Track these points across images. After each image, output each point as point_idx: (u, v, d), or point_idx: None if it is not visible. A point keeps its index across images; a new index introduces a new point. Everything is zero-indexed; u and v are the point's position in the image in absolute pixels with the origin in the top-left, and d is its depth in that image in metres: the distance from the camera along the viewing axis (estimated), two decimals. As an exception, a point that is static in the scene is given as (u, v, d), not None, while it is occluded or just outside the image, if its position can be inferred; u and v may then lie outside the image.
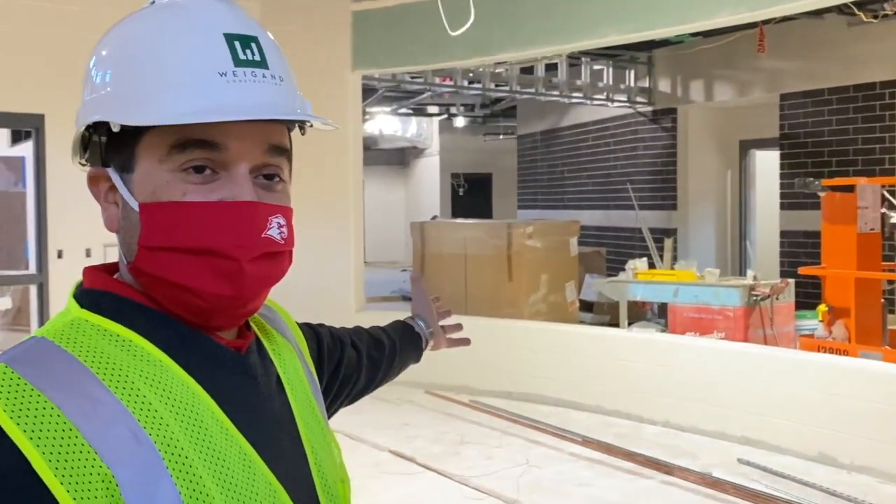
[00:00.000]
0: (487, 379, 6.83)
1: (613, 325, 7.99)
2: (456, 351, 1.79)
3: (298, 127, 0.99)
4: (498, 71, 9.93)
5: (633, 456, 5.23)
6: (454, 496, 4.79)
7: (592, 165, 12.58)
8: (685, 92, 10.70)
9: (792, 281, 6.93)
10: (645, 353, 6.22)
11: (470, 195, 19.20)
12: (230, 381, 0.93)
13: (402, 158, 21.54)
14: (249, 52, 0.91)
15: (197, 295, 0.89)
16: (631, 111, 11.48)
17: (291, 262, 0.97)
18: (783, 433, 5.38)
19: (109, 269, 0.97)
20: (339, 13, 7.32)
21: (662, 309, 7.86)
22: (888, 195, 6.22)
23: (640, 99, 11.16)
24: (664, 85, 10.97)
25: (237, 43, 0.90)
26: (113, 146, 0.92)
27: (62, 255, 6.30)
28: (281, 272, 0.95)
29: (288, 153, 0.96)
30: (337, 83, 7.37)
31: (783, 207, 9.31)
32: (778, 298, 6.61)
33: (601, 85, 10.94)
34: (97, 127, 0.93)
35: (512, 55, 7.61)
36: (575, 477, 5.07)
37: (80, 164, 0.98)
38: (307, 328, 1.29)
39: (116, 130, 0.89)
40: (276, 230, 0.91)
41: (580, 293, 8.91)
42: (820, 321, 6.23)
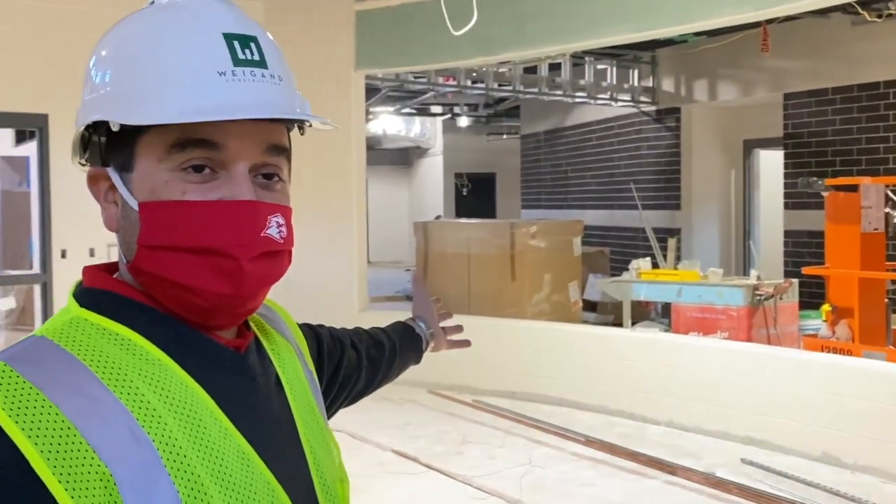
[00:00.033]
0: (490, 379, 6.83)
1: (617, 324, 7.98)
2: (459, 351, 1.78)
3: (298, 127, 0.99)
4: (501, 70, 9.92)
5: (636, 456, 5.23)
6: (457, 496, 4.79)
7: (596, 165, 12.57)
8: (689, 91, 10.69)
9: (795, 281, 6.92)
10: (648, 352, 6.22)
11: (473, 195, 19.18)
12: (229, 380, 0.93)
13: (405, 158, 21.55)
14: (249, 51, 0.91)
15: (196, 294, 0.89)
16: (635, 111, 11.46)
17: (291, 261, 0.97)
18: (787, 433, 5.38)
19: (109, 268, 0.98)
20: (342, 13, 7.32)
21: (666, 309, 7.86)
22: (892, 195, 6.20)
23: (643, 98, 11.14)
24: (668, 84, 10.95)
25: (236, 43, 0.90)
26: (112, 146, 0.93)
27: (66, 254, 6.32)
28: (280, 271, 0.95)
29: (287, 153, 0.96)
30: (340, 83, 7.38)
31: (787, 207, 9.30)
32: (781, 298, 6.60)
33: (605, 84, 10.93)
34: (97, 127, 0.93)
35: (515, 55, 7.61)
36: (578, 477, 5.07)
37: (79, 164, 0.99)
38: (307, 329, 1.29)
39: (116, 130, 0.89)
40: (275, 229, 0.91)
41: (584, 293, 8.90)
42: (823, 321, 6.23)
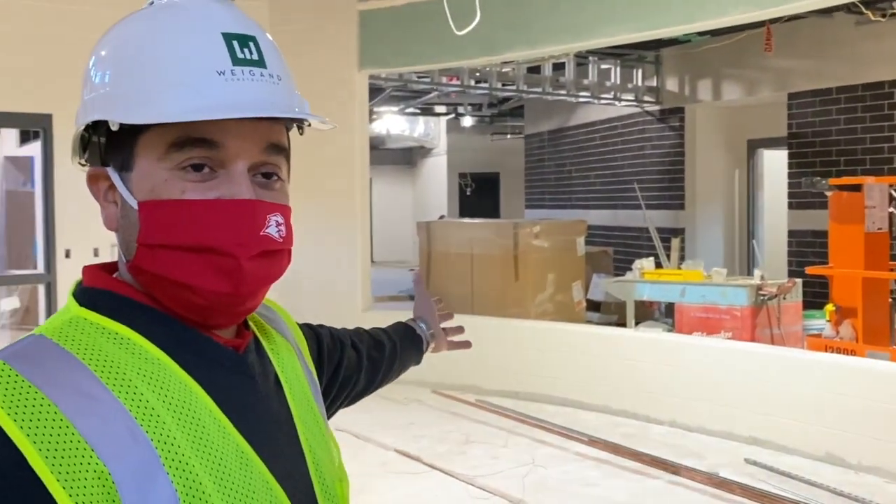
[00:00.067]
0: (494, 378, 6.83)
1: (621, 324, 7.97)
2: (463, 351, 1.78)
3: (297, 127, 0.99)
4: (505, 70, 9.91)
5: (639, 456, 5.22)
6: (460, 496, 4.79)
7: (600, 165, 12.56)
8: (693, 91, 10.67)
9: (799, 280, 6.90)
10: (652, 352, 6.21)
11: (477, 195, 19.17)
12: (228, 380, 0.93)
13: (409, 158, 21.56)
14: (247, 51, 0.91)
15: (196, 292, 0.89)
16: (638, 110, 11.45)
17: (290, 260, 0.97)
18: (790, 433, 5.37)
19: (109, 268, 0.98)
20: (345, 13, 7.32)
21: (669, 308, 7.85)
22: (896, 194, 6.20)
23: (647, 98, 11.12)
24: (672, 84, 10.94)
25: (235, 42, 0.91)
26: (112, 145, 0.93)
27: (70, 254, 6.33)
28: (279, 271, 0.95)
29: (286, 152, 0.97)
30: (344, 83, 7.38)
31: (791, 207, 9.28)
32: (785, 298, 6.59)
33: (609, 84, 10.92)
34: (96, 127, 0.93)
35: (519, 54, 7.61)
36: (581, 477, 5.07)
37: (79, 164, 0.99)
38: (307, 329, 1.29)
39: (115, 129, 0.89)
40: (274, 228, 0.91)
41: (587, 293, 8.89)
42: (827, 321, 6.22)
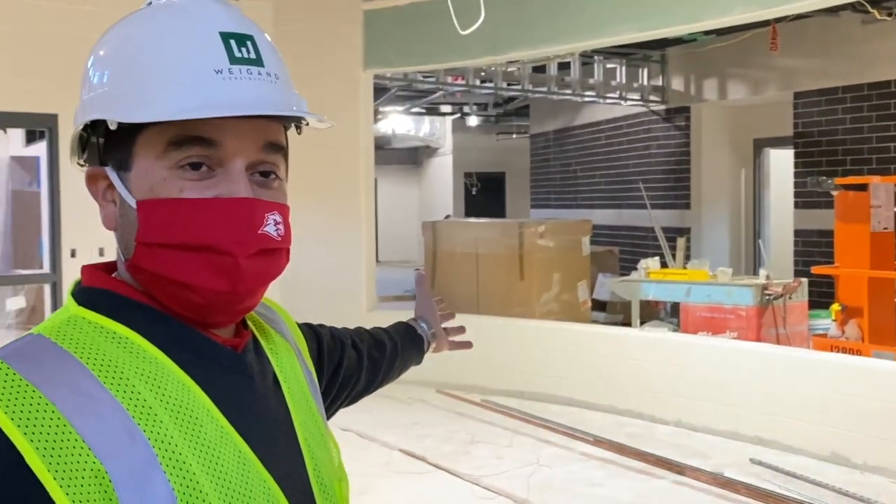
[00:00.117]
0: (499, 378, 6.83)
1: (626, 324, 7.96)
2: (468, 350, 1.78)
3: (295, 126, 1.00)
4: (510, 70, 9.91)
5: (644, 456, 5.21)
6: (464, 495, 4.79)
7: (605, 164, 12.55)
8: (698, 90, 10.65)
9: (805, 280, 6.89)
10: (657, 352, 6.20)
11: (483, 194, 19.17)
12: (226, 379, 0.93)
13: (415, 158, 21.56)
14: (245, 50, 0.91)
15: (194, 291, 0.89)
16: (644, 110, 11.43)
17: (288, 259, 0.97)
18: (796, 433, 5.36)
19: (108, 267, 0.98)
20: (350, 12, 7.32)
21: (675, 308, 7.84)
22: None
23: (653, 97, 11.11)
24: (677, 83, 10.92)
25: (233, 41, 0.91)
26: (110, 145, 0.93)
27: (76, 254, 6.35)
28: (278, 270, 0.95)
29: (284, 151, 0.97)
30: (348, 82, 7.38)
31: (797, 206, 9.26)
32: (791, 298, 6.57)
33: (614, 83, 10.91)
34: (95, 126, 0.94)
35: (523, 54, 7.60)
36: (586, 477, 5.06)
37: (78, 164, 0.99)
38: (307, 328, 1.29)
39: (113, 128, 0.89)
40: (272, 227, 0.92)
41: (593, 292, 8.89)
42: (833, 321, 6.20)
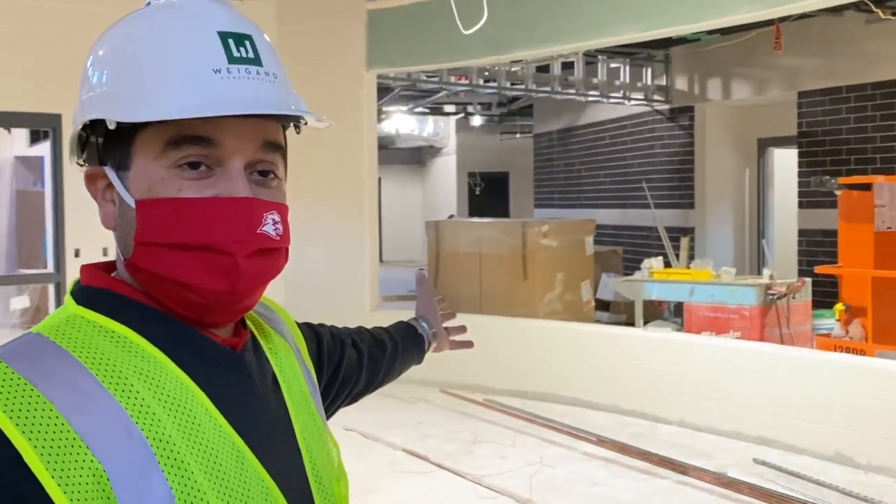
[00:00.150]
0: (502, 378, 6.83)
1: (630, 324, 7.95)
2: (471, 350, 1.78)
3: (294, 125, 1.00)
4: (514, 69, 9.90)
5: (647, 455, 5.21)
6: (467, 495, 4.78)
7: (609, 164, 12.54)
8: (702, 90, 10.64)
9: (809, 280, 6.88)
10: (660, 352, 6.20)
11: (487, 194, 19.17)
12: (225, 378, 0.93)
13: (419, 157, 21.56)
14: (243, 49, 0.91)
15: (193, 290, 0.90)
16: (648, 109, 11.42)
17: (287, 259, 0.97)
18: (799, 433, 5.35)
19: (107, 267, 0.98)
20: (353, 12, 7.33)
21: (678, 308, 7.83)
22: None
23: (657, 97, 11.09)
24: (681, 83, 10.91)
25: (231, 41, 0.91)
26: (109, 144, 0.93)
27: (79, 253, 6.36)
28: (276, 269, 0.95)
29: (283, 150, 0.97)
30: (351, 82, 7.39)
31: (801, 206, 9.24)
32: (794, 297, 6.56)
33: (618, 83, 10.90)
34: (94, 126, 0.94)
35: (526, 53, 7.59)
36: (589, 476, 5.06)
37: (77, 163, 0.99)
38: (307, 328, 1.29)
39: (112, 128, 0.89)
40: (271, 226, 0.92)
41: (597, 292, 8.88)
42: (837, 320, 6.19)
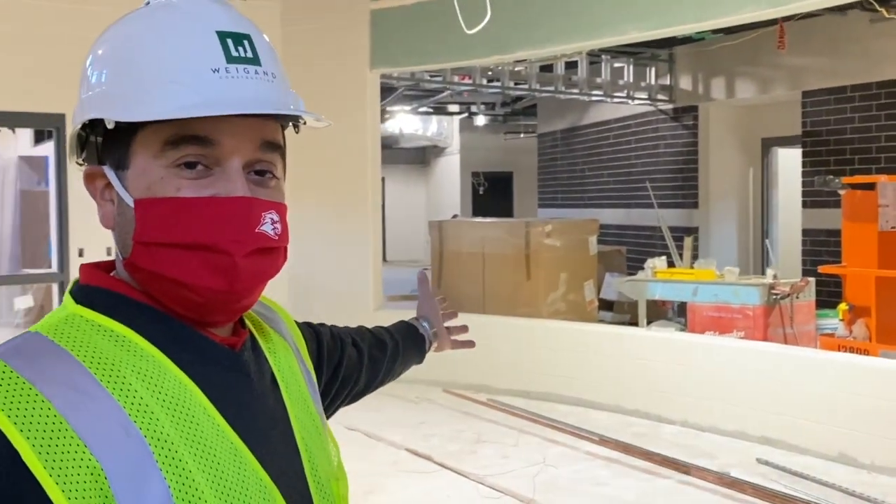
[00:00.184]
0: (505, 378, 6.82)
1: (633, 324, 7.94)
2: (475, 350, 1.78)
3: (293, 125, 1.00)
4: (517, 69, 9.89)
5: (650, 455, 5.20)
6: (470, 495, 4.79)
7: (613, 164, 12.52)
8: (706, 89, 10.62)
9: (812, 279, 6.86)
10: (664, 352, 6.19)
11: (491, 194, 19.15)
12: (223, 377, 0.93)
13: (422, 157, 21.56)
14: (242, 49, 0.91)
15: (191, 290, 0.90)
16: (652, 109, 11.41)
17: (286, 258, 0.97)
18: (803, 433, 5.34)
19: (106, 266, 0.98)
20: (357, 12, 7.33)
21: (682, 308, 7.82)
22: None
23: (660, 96, 11.08)
24: (685, 82, 10.89)
25: (229, 40, 0.91)
26: (108, 144, 0.93)
27: (83, 253, 6.36)
28: (275, 268, 0.95)
29: (281, 150, 0.97)
30: (355, 82, 7.39)
31: (805, 205, 9.23)
32: (798, 297, 6.55)
33: (622, 83, 10.88)
34: (93, 125, 0.94)
35: (530, 53, 7.59)
36: (591, 476, 5.06)
37: (77, 162, 0.99)
38: (307, 328, 1.29)
39: (111, 127, 0.90)
40: (269, 226, 0.92)
41: (601, 292, 8.87)
42: (840, 320, 6.18)
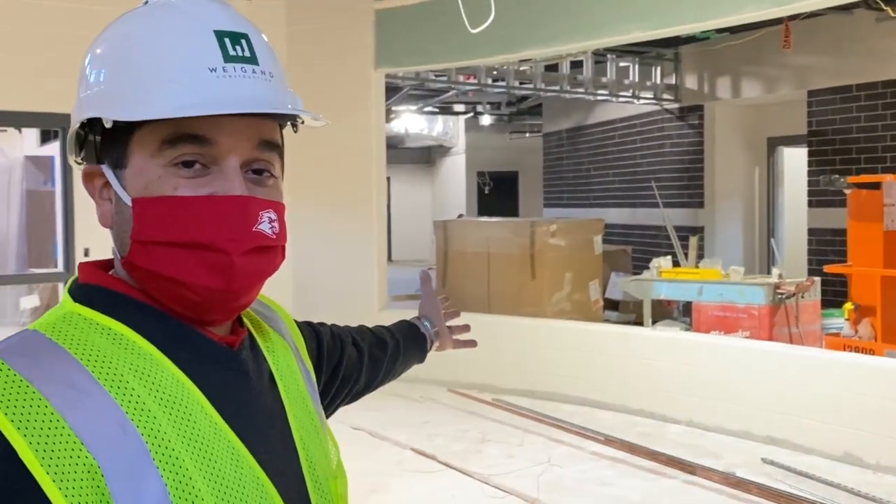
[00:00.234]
0: (510, 377, 6.82)
1: (638, 323, 7.93)
2: (479, 349, 1.77)
3: (291, 124, 1.00)
4: (522, 69, 9.88)
5: (655, 455, 5.20)
6: (475, 494, 4.78)
7: (619, 163, 12.51)
8: (712, 89, 10.61)
9: (818, 279, 6.85)
10: (669, 351, 6.18)
11: (496, 193, 19.14)
12: (221, 376, 0.93)
13: (428, 157, 21.56)
14: (239, 48, 0.91)
15: (189, 288, 0.90)
16: (657, 108, 11.39)
17: (284, 257, 0.97)
18: (808, 433, 5.33)
19: (105, 265, 0.99)
20: (361, 12, 7.33)
21: (687, 307, 7.81)
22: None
23: (666, 96, 11.06)
24: (691, 82, 10.88)
25: (227, 39, 0.91)
26: (107, 143, 0.94)
27: (89, 253, 6.37)
28: (273, 267, 0.95)
29: (279, 149, 0.97)
30: (360, 82, 7.39)
31: (811, 205, 9.21)
32: (803, 297, 6.53)
33: (627, 82, 10.87)
34: (92, 125, 0.94)
35: (535, 52, 7.58)
36: (596, 476, 5.05)
37: (76, 162, 1.00)
38: (307, 327, 1.29)
39: (109, 126, 0.90)
40: (267, 225, 0.92)
41: (606, 292, 8.86)
42: (846, 320, 6.17)
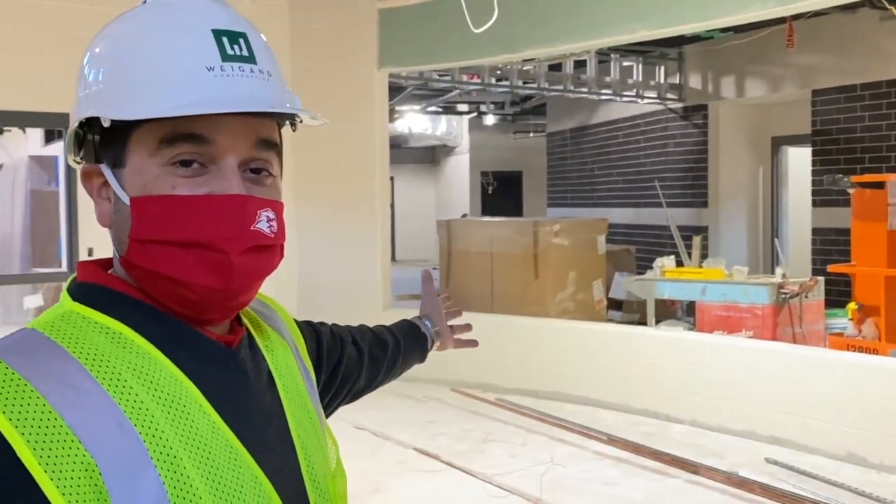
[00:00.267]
0: (514, 377, 6.82)
1: (642, 323, 7.93)
2: (483, 349, 1.78)
3: (290, 123, 1.00)
4: (526, 68, 9.88)
5: (659, 455, 5.19)
6: (478, 494, 4.78)
7: (622, 163, 12.50)
8: (716, 88, 10.60)
9: (821, 279, 6.84)
10: (672, 351, 6.17)
11: (500, 193, 19.14)
12: (219, 375, 0.93)
13: (431, 156, 21.56)
14: (237, 47, 0.92)
15: (187, 287, 0.90)
16: (661, 108, 11.38)
17: (283, 256, 0.97)
18: (812, 432, 5.32)
19: (104, 264, 0.99)
20: (365, 11, 7.33)
21: (691, 307, 7.80)
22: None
23: (670, 95, 11.05)
24: (695, 81, 10.87)
25: (225, 38, 0.91)
26: (105, 142, 0.94)
27: (92, 253, 6.38)
28: (271, 266, 0.95)
29: (278, 148, 0.97)
30: (363, 81, 7.39)
31: (815, 204, 9.19)
32: (807, 296, 6.52)
33: (631, 82, 10.86)
34: (91, 124, 0.94)
35: (538, 52, 7.57)
36: (600, 476, 5.05)
37: (75, 161, 1.00)
38: (307, 326, 1.29)
39: (107, 126, 0.90)
40: (265, 223, 0.92)
41: (609, 291, 8.86)
42: (850, 319, 6.15)
